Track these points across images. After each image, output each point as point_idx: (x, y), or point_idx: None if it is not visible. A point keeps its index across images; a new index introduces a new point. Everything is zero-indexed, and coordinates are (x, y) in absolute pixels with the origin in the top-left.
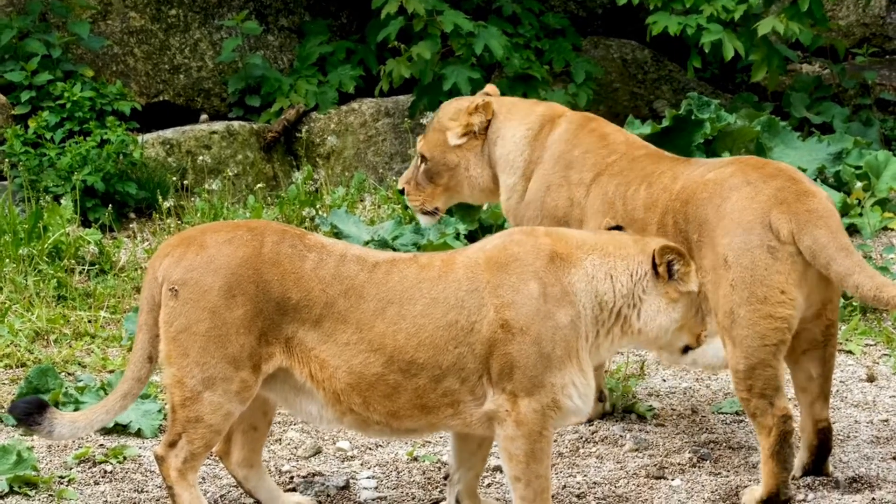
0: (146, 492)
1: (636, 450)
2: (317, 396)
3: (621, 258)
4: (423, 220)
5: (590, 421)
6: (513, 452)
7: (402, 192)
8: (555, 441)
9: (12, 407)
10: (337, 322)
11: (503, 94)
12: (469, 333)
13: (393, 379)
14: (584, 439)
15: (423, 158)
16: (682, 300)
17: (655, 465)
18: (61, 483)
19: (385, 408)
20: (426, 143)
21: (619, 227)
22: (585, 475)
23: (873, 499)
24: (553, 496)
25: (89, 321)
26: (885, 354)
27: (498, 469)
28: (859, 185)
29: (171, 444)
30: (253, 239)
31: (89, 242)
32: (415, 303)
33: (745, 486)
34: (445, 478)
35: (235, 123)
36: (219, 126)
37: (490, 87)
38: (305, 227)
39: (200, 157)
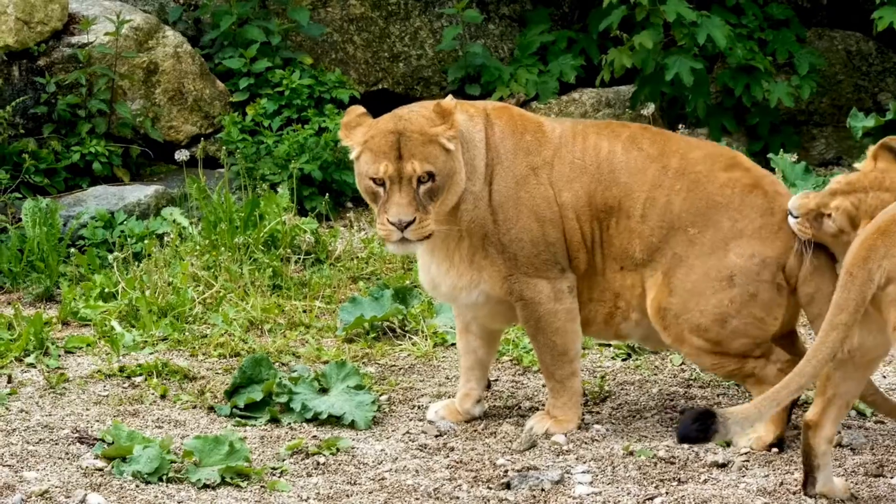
0: (359, 484)
1: (852, 448)
2: None
3: None
4: (406, 249)
5: None
6: None
7: (405, 225)
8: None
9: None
10: None
11: (726, 84)
12: None
13: None
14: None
15: (430, 176)
16: None
17: (875, 463)
18: (273, 474)
19: None
20: (427, 159)
21: None
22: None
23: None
24: (770, 492)
25: (304, 311)
26: None
27: (716, 465)
28: None
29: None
30: None
31: (305, 231)
32: None
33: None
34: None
35: None
36: None
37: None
38: None
39: None
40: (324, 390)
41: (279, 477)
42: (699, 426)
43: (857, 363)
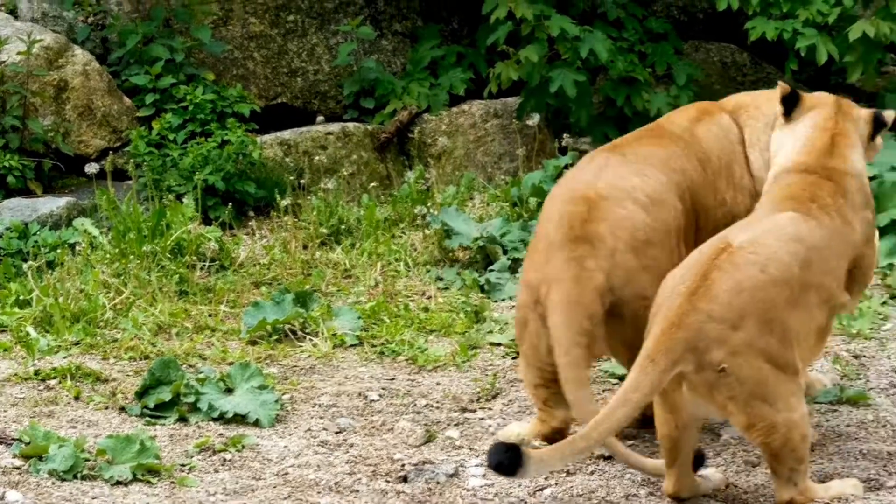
0: (263, 479)
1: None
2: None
3: None
4: None
5: None
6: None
7: None
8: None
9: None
10: (802, 291)
11: (608, 95)
12: None
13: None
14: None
15: None
16: None
17: (754, 455)
18: (182, 471)
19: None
20: None
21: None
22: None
23: None
24: (653, 482)
25: (209, 315)
26: None
27: (602, 457)
28: None
29: (789, 481)
30: (738, 280)
31: (210, 239)
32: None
33: None
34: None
35: (350, 125)
36: (334, 127)
37: None
38: (416, 225)
39: (317, 157)
40: (229, 390)
41: (188, 473)
42: (511, 457)
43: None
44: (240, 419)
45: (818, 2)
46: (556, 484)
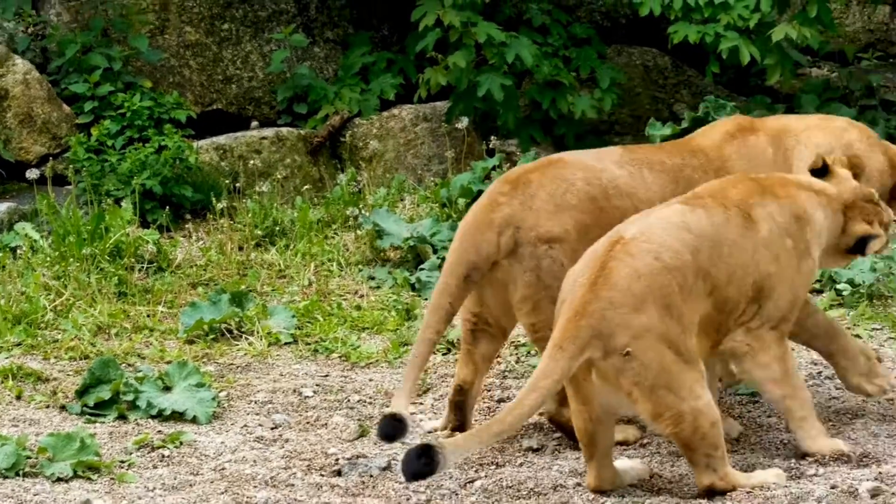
0: (201, 474)
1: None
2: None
3: (832, 225)
4: None
5: None
6: (771, 376)
7: None
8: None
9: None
10: (695, 279)
11: (534, 98)
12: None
13: (716, 318)
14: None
15: None
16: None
17: None
18: (122, 467)
19: (701, 346)
20: None
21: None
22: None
23: (880, 472)
24: (581, 473)
25: (148, 315)
26: (891, 338)
27: (531, 449)
28: None
29: (707, 468)
30: (636, 268)
31: (148, 242)
32: (722, 245)
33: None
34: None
35: (284, 129)
36: (268, 132)
37: None
38: (349, 226)
39: (251, 162)
40: (167, 388)
41: (127, 469)
42: (425, 462)
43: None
44: (178, 416)
45: (739, 7)
46: (486, 476)
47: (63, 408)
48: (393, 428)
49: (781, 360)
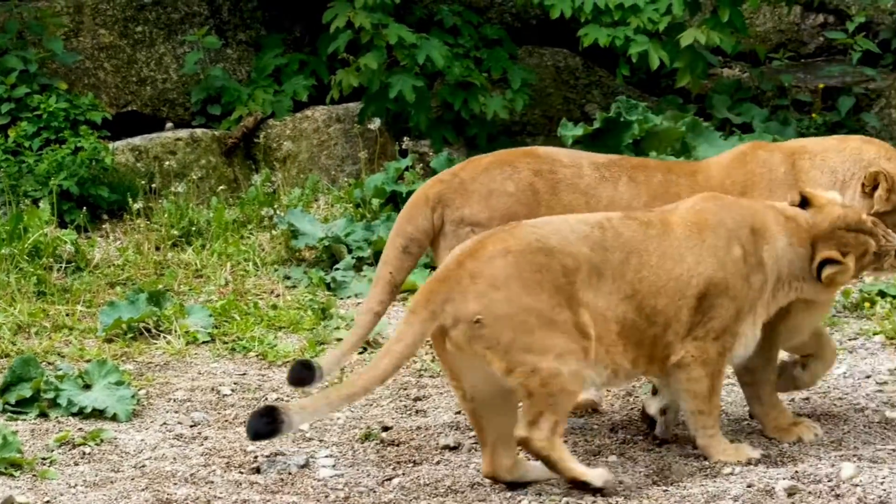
0: (122, 471)
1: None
2: (590, 355)
3: (799, 254)
4: None
5: None
6: (698, 391)
7: None
8: None
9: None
10: (599, 276)
11: (445, 99)
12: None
13: (641, 325)
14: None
15: None
16: (839, 283)
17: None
18: (43, 464)
19: (632, 354)
20: None
21: (804, 201)
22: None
23: (796, 471)
24: None
25: (67, 314)
26: None
27: (448, 447)
28: None
29: (532, 424)
30: (502, 241)
31: (66, 242)
32: (650, 255)
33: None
34: (647, 423)
35: (198, 131)
36: (183, 133)
37: None
38: (264, 226)
39: (167, 163)
40: (87, 387)
41: (49, 466)
42: (267, 421)
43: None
44: (98, 414)
45: (649, 10)
46: (404, 474)
47: None
48: (301, 374)
49: (712, 376)
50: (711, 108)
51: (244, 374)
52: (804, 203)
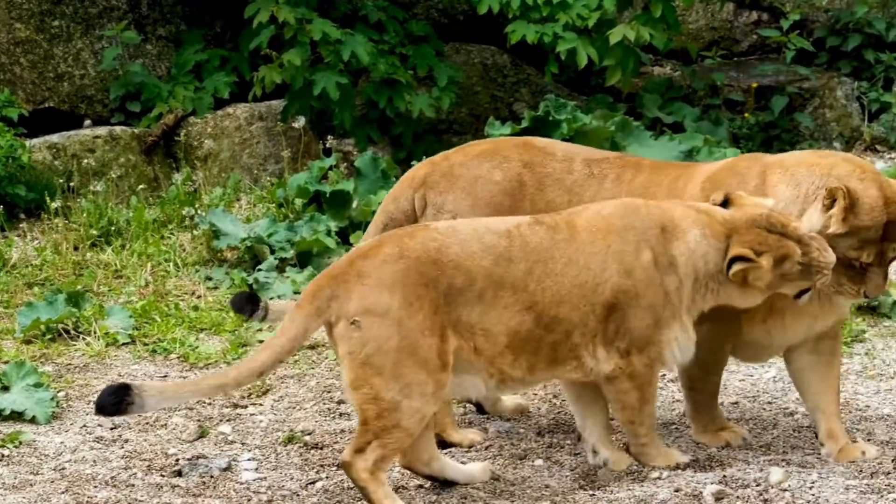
0: (41, 474)
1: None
2: (473, 368)
3: (713, 247)
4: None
5: None
6: (628, 402)
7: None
8: None
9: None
10: (496, 289)
11: (370, 97)
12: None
13: (538, 334)
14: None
15: None
16: (756, 287)
17: (524, 449)
18: None
19: (528, 362)
20: None
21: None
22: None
23: (724, 476)
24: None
25: None
26: None
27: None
28: None
29: (359, 451)
30: (401, 248)
31: None
32: (555, 262)
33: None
34: (578, 439)
35: (118, 128)
36: (102, 131)
37: None
38: (185, 226)
39: (85, 161)
40: (5, 388)
41: None
42: (115, 399)
43: None
44: (16, 416)
45: (578, 6)
46: (328, 477)
47: None
48: (244, 304)
49: (640, 388)
50: (642, 107)
51: (165, 376)
52: (726, 204)
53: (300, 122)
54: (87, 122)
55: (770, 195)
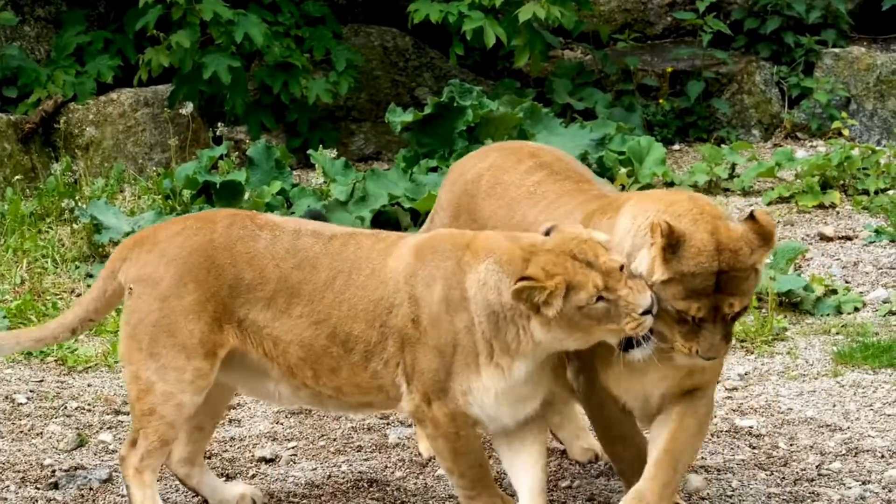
0: None
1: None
2: (272, 373)
3: (509, 274)
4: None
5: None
6: (438, 450)
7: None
8: None
9: None
10: (291, 296)
11: (264, 81)
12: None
13: (335, 352)
14: None
15: (744, 309)
16: (556, 322)
17: None
18: None
19: (332, 382)
20: (746, 294)
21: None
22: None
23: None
24: (318, 485)
25: None
26: None
27: (264, 459)
28: (623, 170)
29: (133, 443)
30: (203, 227)
31: None
32: (360, 273)
33: None
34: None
35: None
36: None
37: None
38: (64, 220)
39: None
40: None
41: None
42: None
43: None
44: None
45: None
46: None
47: None
48: None
49: (446, 438)
50: (551, 92)
51: (41, 380)
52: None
53: (188, 109)
54: None
55: (614, 228)
